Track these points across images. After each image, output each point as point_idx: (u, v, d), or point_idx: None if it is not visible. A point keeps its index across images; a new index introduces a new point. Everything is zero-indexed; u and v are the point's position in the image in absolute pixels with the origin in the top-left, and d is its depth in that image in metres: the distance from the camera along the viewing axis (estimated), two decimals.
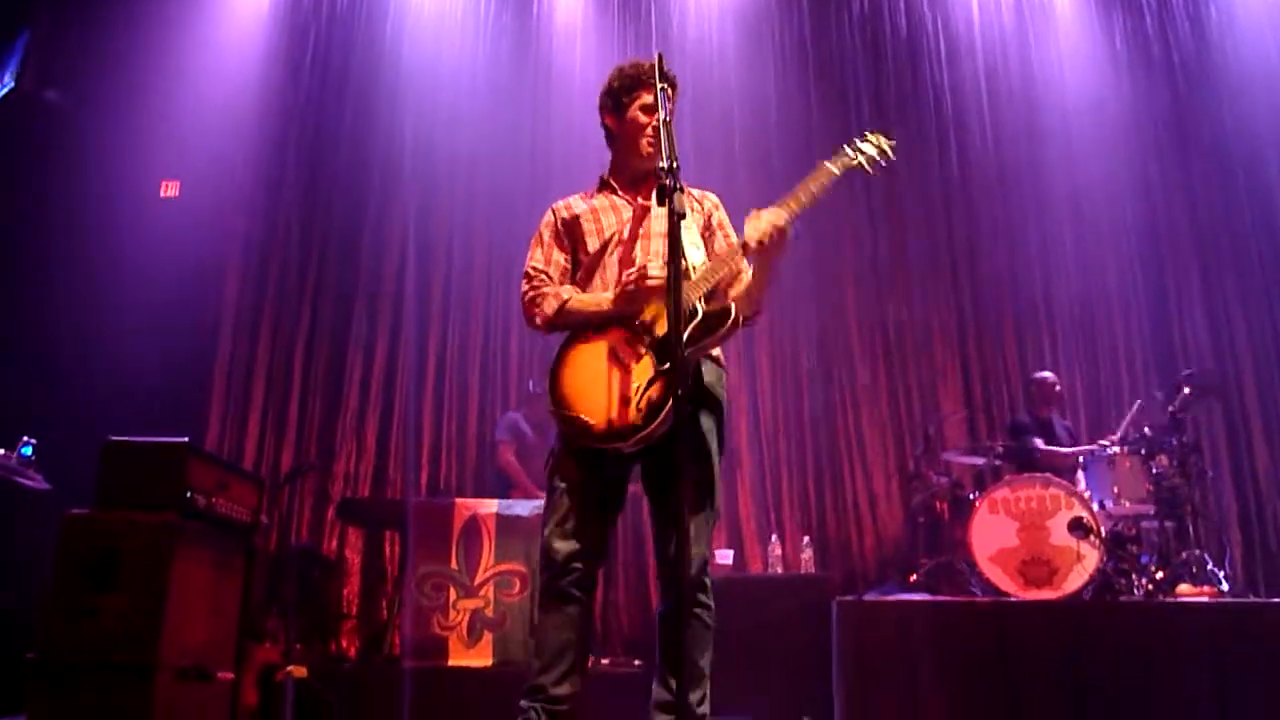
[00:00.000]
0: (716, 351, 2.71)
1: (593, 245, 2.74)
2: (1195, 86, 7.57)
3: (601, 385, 2.51)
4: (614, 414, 2.46)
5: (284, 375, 6.60)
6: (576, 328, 2.64)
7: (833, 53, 7.66)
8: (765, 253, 2.51)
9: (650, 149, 2.73)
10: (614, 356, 2.54)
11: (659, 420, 2.39)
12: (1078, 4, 7.83)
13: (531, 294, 2.72)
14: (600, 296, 2.64)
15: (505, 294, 6.96)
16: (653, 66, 2.54)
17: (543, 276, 2.74)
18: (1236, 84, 7.47)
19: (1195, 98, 7.54)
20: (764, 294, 2.66)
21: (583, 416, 2.49)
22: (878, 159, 2.67)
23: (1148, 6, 7.84)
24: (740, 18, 7.65)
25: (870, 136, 2.71)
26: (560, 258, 2.77)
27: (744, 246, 2.53)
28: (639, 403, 2.43)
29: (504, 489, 5.92)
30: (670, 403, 2.37)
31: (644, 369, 2.48)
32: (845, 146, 2.68)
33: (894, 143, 2.71)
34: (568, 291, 2.68)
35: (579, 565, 2.50)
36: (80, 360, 5.82)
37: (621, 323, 2.58)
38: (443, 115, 7.09)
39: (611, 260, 2.70)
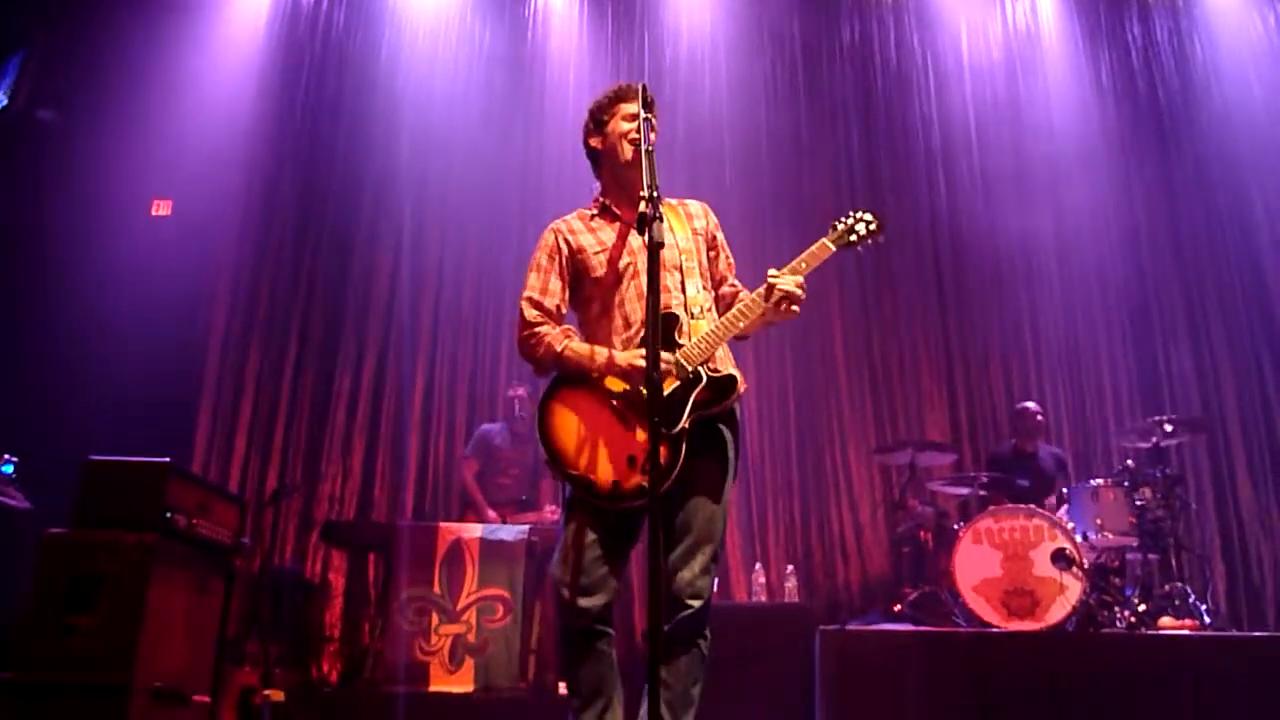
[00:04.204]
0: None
1: (600, 275, 2.65)
2: (1180, 122, 7.70)
3: (602, 441, 2.45)
4: (619, 475, 2.41)
5: (271, 395, 6.57)
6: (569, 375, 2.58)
7: (823, 81, 7.75)
8: (790, 309, 2.57)
9: (632, 152, 2.65)
10: (613, 410, 2.49)
11: (667, 483, 2.36)
12: (1064, 39, 7.94)
13: (527, 332, 2.61)
14: (599, 354, 2.54)
15: (495, 318, 6.96)
16: (629, 85, 2.66)
17: (540, 311, 2.63)
18: (1220, 120, 7.60)
19: (1180, 132, 7.67)
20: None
21: (586, 476, 2.43)
22: (869, 241, 2.70)
23: (1133, 43, 7.96)
24: (732, 45, 7.72)
25: (863, 218, 2.71)
26: (557, 286, 2.66)
27: (769, 295, 2.55)
28: (644, 464, 2.37)
29: (464, 507, 5.90)
30: (678, 465, 2.36)
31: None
32: (840, 224, 2.70)
33: (882, 234, 2.72)
34: (560, 343, 2.58)
35: (597, 603, 2.42)
36: (66, 378, 5.78)
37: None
38: (436, 139, 7.13)
39: (630, 294, 2.63)
